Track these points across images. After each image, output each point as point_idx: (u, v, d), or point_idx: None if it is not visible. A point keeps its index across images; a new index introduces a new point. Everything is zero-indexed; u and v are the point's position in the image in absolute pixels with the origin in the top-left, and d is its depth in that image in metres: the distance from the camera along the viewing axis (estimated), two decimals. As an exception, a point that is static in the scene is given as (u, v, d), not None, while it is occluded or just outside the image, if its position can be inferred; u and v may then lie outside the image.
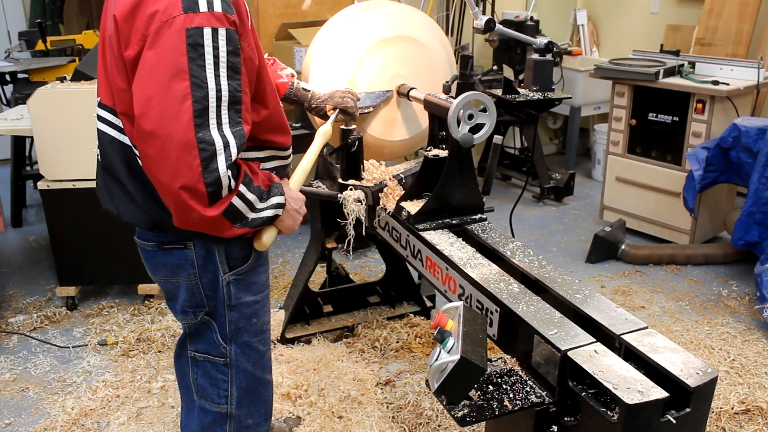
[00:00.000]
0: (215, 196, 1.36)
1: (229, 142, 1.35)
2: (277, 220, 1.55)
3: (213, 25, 1.32)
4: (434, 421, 2.46)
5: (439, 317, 1.52)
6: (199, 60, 1.31)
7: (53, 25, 5.54)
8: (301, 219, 1.63)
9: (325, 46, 2.49)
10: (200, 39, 1.31)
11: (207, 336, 1.66)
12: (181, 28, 1.30)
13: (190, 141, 1.30)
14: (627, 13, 5.54)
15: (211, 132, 1.32)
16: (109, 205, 1.61)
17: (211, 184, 1.33)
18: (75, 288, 3.36)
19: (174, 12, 1.30)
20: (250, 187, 1.44)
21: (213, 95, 1.32)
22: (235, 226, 1.45)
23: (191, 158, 1.31)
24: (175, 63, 1.30)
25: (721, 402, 2.56)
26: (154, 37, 1.31)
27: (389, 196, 2.41)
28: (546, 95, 3.25)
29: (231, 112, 1.36)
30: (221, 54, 1.33)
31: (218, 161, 1.33)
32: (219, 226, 1.42)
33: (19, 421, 2.56)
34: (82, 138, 2.99)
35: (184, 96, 1.30)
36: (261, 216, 1.49)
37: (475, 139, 2.12)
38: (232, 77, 1.35)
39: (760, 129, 3.43)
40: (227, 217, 1.41)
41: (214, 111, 1.33)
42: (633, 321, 1.62)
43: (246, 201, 1.43)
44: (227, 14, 1.34)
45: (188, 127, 1.30)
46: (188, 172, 1.31)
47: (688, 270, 3.81)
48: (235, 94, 1.36)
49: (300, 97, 2.25)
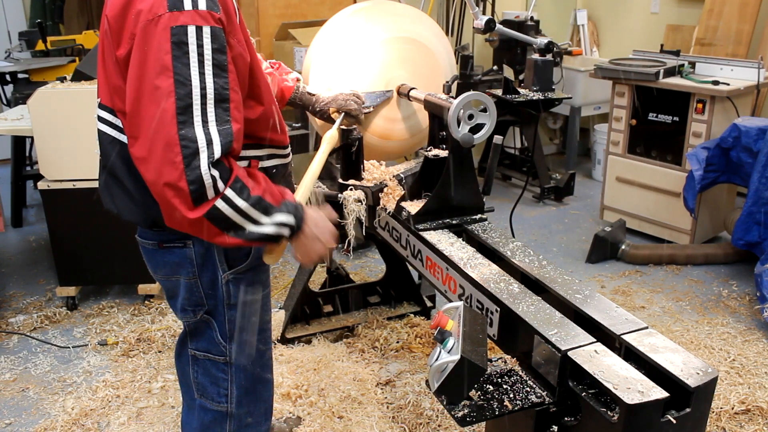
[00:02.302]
0: (198, 195, 1.32)
1: (212, 140, 1.32)
2: (291, 241, 1.48)
3: (197, 23, 1.31)
4: (434, 421, 2.46)
5: (439, 317, 1.52)
6: (183, 58, 1.30)
7: (53, 25, 5.54)
8: (323, 250, 1.53)
9: (325, 46, 2.49)
10: (185, 37, 1.30)
11: (207, 334, 1.67)
12: (165, 26, 1.30)
13: (172, 138, 1.29)
14: (627, 13, 5.54)
15: (194, 129, 1.31)
16: (110, 204, 1.62)
17: (193, 182, 1.31)
18: (75, 288, 3.36)
19: (159, 10, 1.30)
20: (242, 193, 1.38)
21: (197, 92, 1.31)
22: (228, 234, 1.39)
23: (173, 155, 1.29)
24: (160, 61, 1.30)
25: (721, 402, 2.56)
26: (141, 35, 1.31)
27: (389, 196, 2.41)
28: (546, 95, 3.26)
29: (218, 110, 1.34)
30: (206, 52, 1.32)
31: (200, 158, 1.31)
32: (204, 229, 1.37)
33: (19, 421, 2.56)
34: (82, 138, 2.99)
35: (168, 93, 1.30)
36: (260, 231, 1.42)
37: (475, 139, 2.12)
38: (219, 75, 1.34)
39: (761, 129, 3.43)
40: (212, 221, 1.36)
41: (198, 108, 1.32)
42: (633, 321, 1.62)
43: (234, 207, 1.37)
44: (212, 12, 1.34)
45: (171, 125, 1.29)
46: (171, 169, 1.30)
47: (688, 270, 3.81)
48: (221, 91, 1.34)
49: (305, 101, 2.25)
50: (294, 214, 1.47)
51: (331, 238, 1.55)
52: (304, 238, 1.50)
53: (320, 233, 1.53)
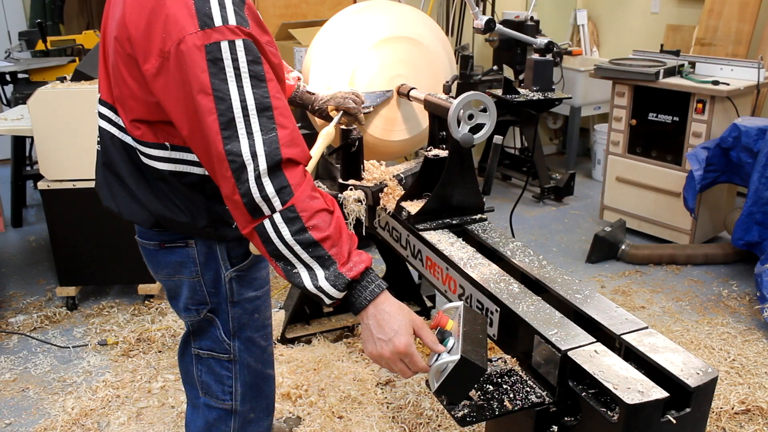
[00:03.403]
0: (252, 208, 1.33)
1: (257, 152, 1.32)
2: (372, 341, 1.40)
3: (229, 37, 1.32)
4: (434, 421, 2.46)
5: (439, 317, 1.52)
6: (220, 74, 1.31)
7: (53, 25, 5.54)
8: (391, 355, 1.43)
9: (325, 46, 2.49)
10: (219, 53, 1.31)
11: (210, 333, 1.67)
12: (200, 45, 1.30)
13: (220, 154, 1.31)
14: (627, 13, 5.54)
15: (239, 143, 1.31)
16: (110, 202, 1.61)
17: (245, 195, 1.32)
18: (75, 288, 3.37)
19: (190, 29, 1.30)
20: (292, 224, 1.32)
21: (237, 105, 1.32)
22: (278, 263, 1.37)
23: (224, 170, 1.32)
24: (198, 80, 1.30)
25: (721, 402, 2.56)
26: (175, 57, 1.31)
27: (389, 196, 2.41)
28: (546, 95, 3.26)
29: (262, 119, 1.34)
30: (241, 65, 1.33)
31: (248, 172, 1.32)
32: (260, 245, 1.35)
33: (19, 421, 2.56)
34: (82, 138, 2.99)
35: (209, 111, 1.31)
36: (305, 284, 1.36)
37: (475, 139, 2.11)
38: (257, 86, 1.34)
39: (760, 129, 3.44)
40: (261, 240, 1.34)
41: (241, 121, 1.32)
42: (633, 321, 1.61)
43: (279, 235, 1.33)
44: (241, 27, 1.35)
45: (217, 141, 1.31)
46: (226, 183, 1.33)
47: (688, 270, 3.81)
48: (262, 101, 1.34)
49: (305, 100, 2.26)
50: (344, 291, 1.36)
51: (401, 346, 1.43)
52: (366, 328, 1.40)
53: (386, 335, 1.42)
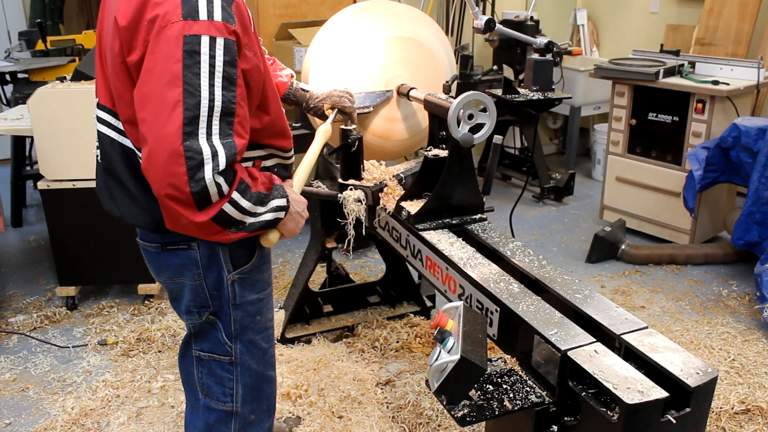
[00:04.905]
0: (203, 202, 1.34)
1: (217, 152, 1.33)
2: (279, 223, 1.53)
3: (211, 33, 1.31)
4: (434, 421, 2.46)
5: (439, 317, 1.52)
6: (194, 68, 1.29)
7: (53, 25, 5.54)
8: (303, 222, 1.61)
9: (325, 46, 2.49)
10: (197, 47, 1.29)
11: (212, 335, 1.67)
12: (179, 34, 1.29)
13: (177, 149, 1.29)
14: (627, 13, 5.54)
15: (199, 141, 1.30)
16: (112, 206, 1.61)
17: (197, 193, 1.32)
18: (75, 288, 3.36)
19: (173, 18, 1.29)
20: (246, 194, 1.41)
21: (205, 104, 1.31)
22: (230, 231, 1.43)
23: (177, 166, 1.29)
24: (170, 69, 1.29)
25: (721, 402, 2.56)
26: (153, 42, 1.30)
27: (389, 196, 2.41)
28: (546, 95, 3.26)
29: (222, 123, 1.34)
30: (217, 63, 1.31)
31: (205, 170, 1.31)
32: (210, 230, 1.40)
33: (19, 421, 2.56)
34: (82, 138, 2.99)
35: (176, 103, 1.29)
36: (260, 220, 1.47)
37: (475, 139, 2.12)
38: (227, 88, 1.33)
39: (760, 129, 3.43)
40: (218, 222, 1.39)
41: (204, 120, 1.31)
42: (633, 321, 1.62)
43: (239, 208, 1.41)
44: (227, 24, 1.33)
45: (177, 135, 1.29)
46: (174, 179, 1.30)
47: (688, 270, 3.81)
48: (228, 105, 1.34)
49: (299, 97, 2.25)
50: (285, 196, 1.52)
51: (306, 212, 1.62)
52: (289, 217, 1.54)
53: (301, 209, 1.59)
